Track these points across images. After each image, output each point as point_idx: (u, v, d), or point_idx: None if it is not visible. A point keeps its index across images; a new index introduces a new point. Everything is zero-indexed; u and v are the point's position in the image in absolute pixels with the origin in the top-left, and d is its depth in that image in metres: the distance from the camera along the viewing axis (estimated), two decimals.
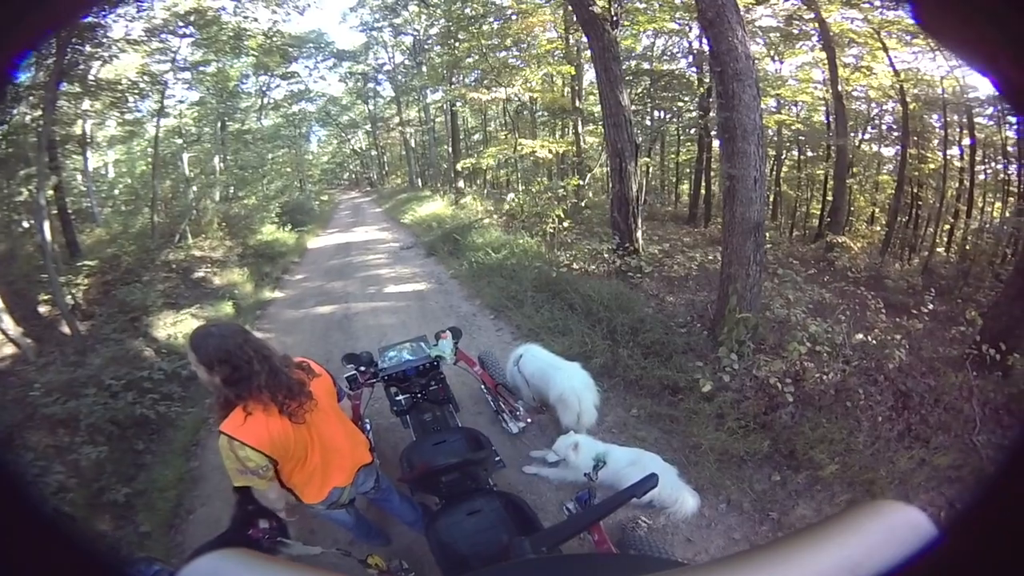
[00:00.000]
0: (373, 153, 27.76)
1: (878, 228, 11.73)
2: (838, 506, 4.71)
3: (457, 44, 14.75)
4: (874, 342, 6.26)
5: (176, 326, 8.98)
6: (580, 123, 13.22)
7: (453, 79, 15.78)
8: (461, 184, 17.78)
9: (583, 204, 12.24)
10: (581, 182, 12.10)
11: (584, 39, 9.90)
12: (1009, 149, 10.13)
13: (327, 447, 2.80)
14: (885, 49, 10.20)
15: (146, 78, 12.26)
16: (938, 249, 11.02)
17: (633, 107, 10.97)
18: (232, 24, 14.11)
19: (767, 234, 7.70)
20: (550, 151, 12.74)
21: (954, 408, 5.68)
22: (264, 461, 2.42)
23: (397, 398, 4.35)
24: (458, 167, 16.38)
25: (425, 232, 13.77)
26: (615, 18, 8.91)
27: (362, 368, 4.17)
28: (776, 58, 11.78)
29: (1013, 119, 9.58)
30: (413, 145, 23.47)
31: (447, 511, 2.97)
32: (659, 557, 2.40)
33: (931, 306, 6.69)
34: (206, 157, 14.70)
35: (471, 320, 8.16)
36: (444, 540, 2.73)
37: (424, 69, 17.58)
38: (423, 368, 4.43)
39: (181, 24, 12.44)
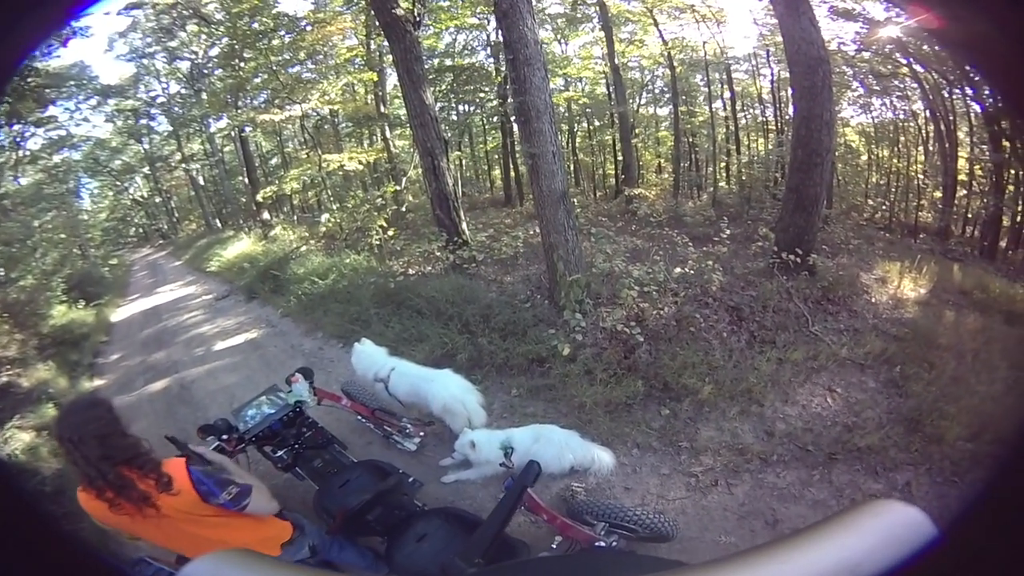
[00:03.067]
0: (158, 200, 24.40)
1: (666, 176, 13.00)
2: (730, 422, 5.10)
3: (243, 64, 13.40)
4: (692, 272, 6.88)
5: (8, 444, 7.22)
6: (388, 128, 12.78)
7: (239, 103, 14.34)
8: (266, 215, 16.30)
9: (404, 209, 11.90)
10: (398, 187, 11.77)
11: (386, 43, 9.55)
12: (764, 96, 11.85)
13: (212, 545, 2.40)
14: (656, 24, 11.40)
15: None
16: (720, 184, 12.50)
17: (438, 104, 10.95)
18: None
19: (574, 200, 8.11)
20: (360, 162, 12.22)
21: (782, 309, 6.49)
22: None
23: (276, 455, 3.99)
24: (259, 198, 14.94)
25: (238, 276, 12.32)
26: (418, 19, 8.76)
27: (224, 437, 3.72)
28: (562, 41, 12.56)
29: (766, 71, 11.38)
30: (202, 182, 20.96)
31: (396, 545, 2.89)
32: (659, 557, 2.31)
33: (728, 231, 7.50)
34: None
35: (319, 355, 7.54)
36: (412, 572, 2.69)
37: (204, 96, 15.75)
38: (288, 418, 4.07)
39: None
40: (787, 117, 9.81)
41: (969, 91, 9.34)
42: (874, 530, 0.72)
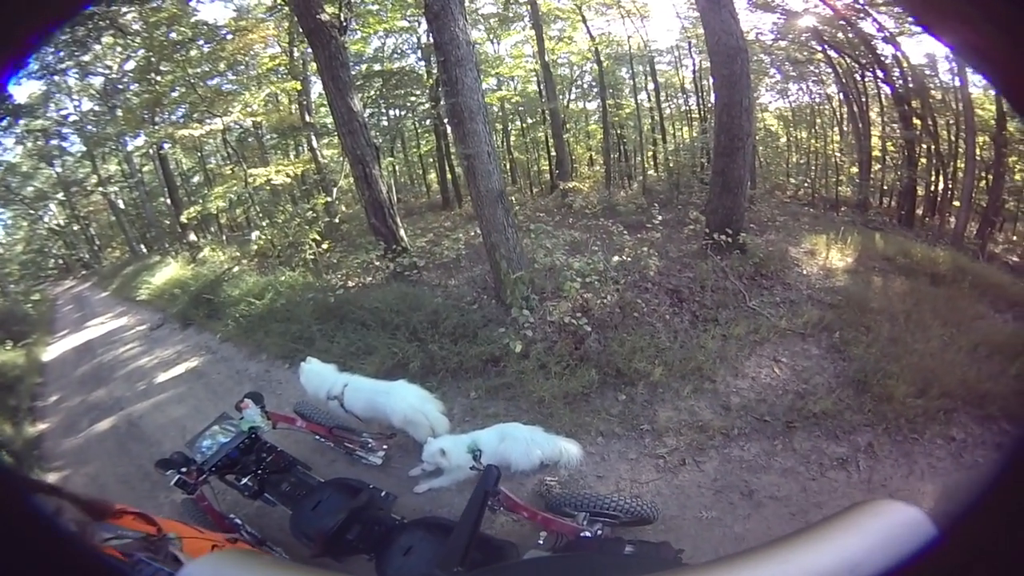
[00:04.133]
0: (76, 228, 22.70)
1: (598, 168, 13.27)
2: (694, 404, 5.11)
3: (159, 78, 12.56)
4: (629, 259, 6.98)
5: None
6: (314, 138, 12.28)
7: (156, 119, 13.46)
8: (193, 237, 15.45)
9: (337, 220, 11.50)
10: (329, 198, 11.33)
11: (310, 51, 9.21)
12: (687, 86, 12.36)
13: None
14: (584, 20, 11.62)
15: None
16: (649, 172, 12.82)
17: (367, 110, 10.64)
18: None
19: (512, 198, 8.05)
20: (287, 175, 11.66)
21: (719, 288, 6.61)
22: None
23: (241, 483, 3.87)
24: (183, 219, 14.16)
25: (171, 303, 11.55)
26: (344, 23, 8.46)
27: (184, 470, 3.62)
28: (494, 40, 12.50)
29: (688, 63, 11.80)
30: (122, 206, 19.62)
31: (385, 562, 2.88)
32: (659, 558, 2.42)
33: (660, 217, 7.56)
34: None
35: (266, 378, 7.16)
36: None
37: (119, 113, 14.70)
38: (245, 445, 3.95)
39: None
40: (709, 105, 10.07)
41: (880, 74, 9.95)
42: (874, 530, 0.73)
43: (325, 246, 9.91)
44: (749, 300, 6.47)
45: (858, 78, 10.40)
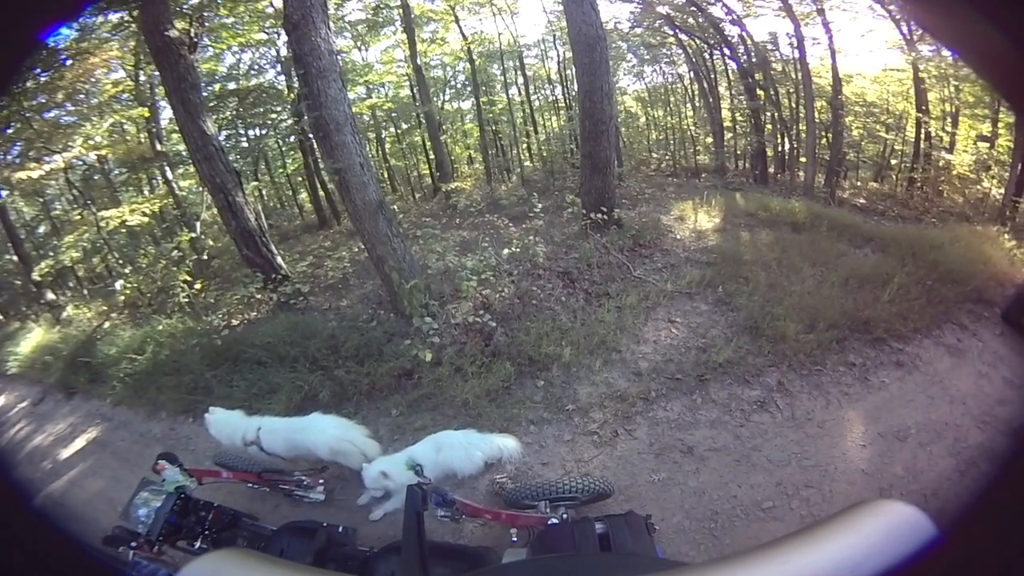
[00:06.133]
0: None
1: (477, 166, 13.19)
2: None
3: None
4: (518, 250, 7.04)
5: None
6: (168, 169, 11.09)
7: None
8: (51, 295, 13.60)
9: (207, 256, 10.53)
10: (193, 234, 10.32)
11: (157, 73, 8.29)
12: (553, 77, 12.71)
13: None
14: (457, 20, 11.49)
15: None
16: (526, 164, 12.97)
17: (223, 133, 9.86)
18: None
19: (394, 207, 7.93)
20: (144, 213, 10.48)
21: (605, 263, 6.83)
22: None
23: (194, 546, 3.56)
24: (36, 276, 12.47)
25: (45, 373, 10.18)
26: (195, 40, 7.75)
27: (133, 544, 3.36)
28: (362, 47, 12.01)
29: (554, 54, 12.20)
30: None
31: None
32: (660, 558, 2.38)
33: (539, 206, 7.75)
34: None
35: (173, 435, 6.50)
36: None
37: None
38: (178, 507, 3.62)
39: None
40: (574, 93, 10.26)
41: (727, 52, 10.90)
42: (874, 530, 0.72)
43: (198, 286, 8.99)
44: (634, 270, 6.74)
45: (707, 57, 11.27)
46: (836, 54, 9.63)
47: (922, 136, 10.14)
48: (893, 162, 11.12)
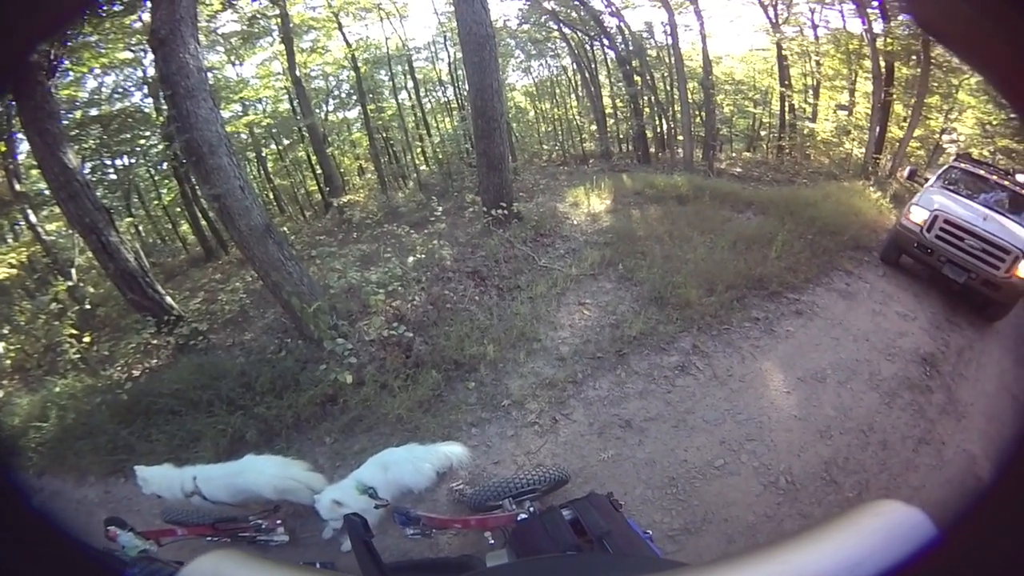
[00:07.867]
0: None
1: (370, 176, 12.77)
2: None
3: None
4: (423, 256, 6.95)
5: None
6: (31, 211, 9.89)
7: None
8: None
9: (89, 304, 9.58)
10: (70, 282, 9.35)
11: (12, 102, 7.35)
12: (444, 79, 12.66)
13: None
14: (340, 28, 11.05)
15: None
16: (421, 168, 12.80)
17: (88, 164, 8.92)
18: None
19: (284, 229, 7.77)
20: (11, 264, 9.33)
21: (511, 257, 6.94)
22: None
23: None
24: None
25: None
26: (53, 64, 6.93)
27: None
28: (236, 62, 11.14)
29: (444, 56, 12.18)
30: None
31: None
32: (660, 558, 2.33)
33: (440, 209, 7.59)
34: None
35: (109, 497, 5.84)
36: None
37: None
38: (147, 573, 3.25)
39: None
40: (466, 93, 10.24)
41: (606, 42, 11.45)
42: (874, 530, 0.72)
43: (87, 339, 8.19)
44: (539, 260, 6.90)
45: (588, 48, 11.76)
46: (707, 38, 10.36)
47: (787, 108, 11.26)
48: (763, 133, 12.26)
